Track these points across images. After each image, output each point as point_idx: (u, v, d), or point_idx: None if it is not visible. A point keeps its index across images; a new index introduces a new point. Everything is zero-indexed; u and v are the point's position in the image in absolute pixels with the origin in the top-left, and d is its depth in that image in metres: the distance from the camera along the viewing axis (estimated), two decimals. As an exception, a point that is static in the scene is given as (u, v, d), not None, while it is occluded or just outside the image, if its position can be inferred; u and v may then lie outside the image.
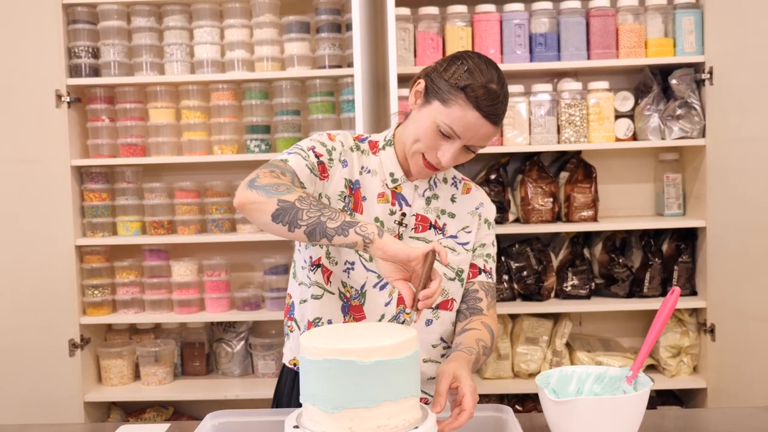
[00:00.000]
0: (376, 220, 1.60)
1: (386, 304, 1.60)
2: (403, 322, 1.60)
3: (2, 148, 2.62)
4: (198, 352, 2.91)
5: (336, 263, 1.59)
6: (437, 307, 1.62)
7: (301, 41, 2.70)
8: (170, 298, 2.77)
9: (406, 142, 1.59)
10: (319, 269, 1.59)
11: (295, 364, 1.69)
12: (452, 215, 1.68)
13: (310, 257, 1.60)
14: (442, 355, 1.68)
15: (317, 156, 1.56)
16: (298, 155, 1.54)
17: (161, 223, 2.77)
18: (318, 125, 2.71)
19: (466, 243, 1.67)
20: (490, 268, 1.72)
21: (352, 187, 1.60)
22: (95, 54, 2.72)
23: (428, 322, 1.63)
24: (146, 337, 2.92)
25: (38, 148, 2.63)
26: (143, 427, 1.59)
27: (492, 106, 1.49)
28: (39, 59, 2.61)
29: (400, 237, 1.61)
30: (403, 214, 1.62)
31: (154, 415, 2.85)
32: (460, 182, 1.73)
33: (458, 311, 1.68)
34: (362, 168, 1.63)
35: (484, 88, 1.49)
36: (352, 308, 1.61)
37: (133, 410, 2.89)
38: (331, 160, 1.58)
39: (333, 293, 1.60)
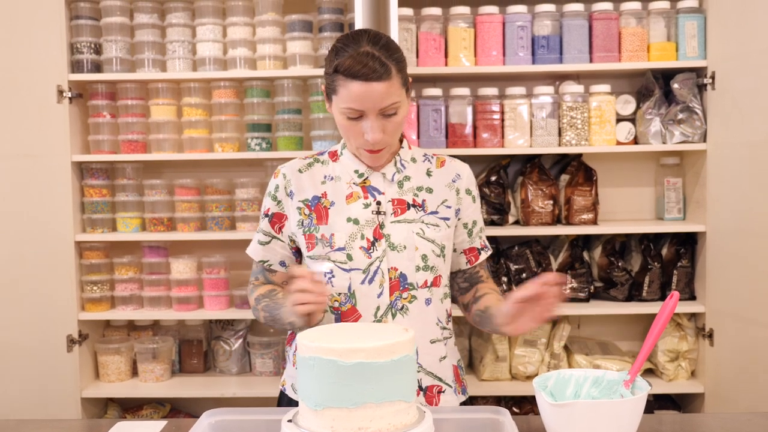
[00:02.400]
0: (349, 219, 1.63)
1: (379, 296, 1.60)
2: (402, 308, 1.61)
3: (3, 143, 2.62)
4: (196, 349, 2.91)
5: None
6: (432, 284, 1.64)
7: (304, 40, 2.70)
8: (169, 295, 2.77)
9: (347, 144, 1.67)
10: None
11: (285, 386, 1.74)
12: (430, 190, 1.69)
13: None
14: (442, 335, 1.68)
15: (268, 215, 1.71)
16: (257, 240, 1.73)
17: (161, 219, 2.77)
18: (319, 124, 2.70)
19: (448, 218, 1.68)
20: (484, 241, 1.77)
21: (311, 204, 1.66)
22: (97, 50, 2.72)
23: (428, 302, 1.64)
24: (144, 333, 2.92)
25: (39, 143, 2.63)
26: (140, 424, 1.58)
27: (364, 67, 1.51)
28: (41, 54, 2.61)
29: (381, 226, 1.63)
30: (378, 203, 1.64)
31: (151, 412, 2.85)
32: (433, 157, 1.75)
33: (459, 288, 1.75)
34: (325, 177, 1.69)
35: (350, 57, 1.52)
36: (344, 314, 1.61)
37: (130, 407, 2.89)
38: (279, 202, 1.69)
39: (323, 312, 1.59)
